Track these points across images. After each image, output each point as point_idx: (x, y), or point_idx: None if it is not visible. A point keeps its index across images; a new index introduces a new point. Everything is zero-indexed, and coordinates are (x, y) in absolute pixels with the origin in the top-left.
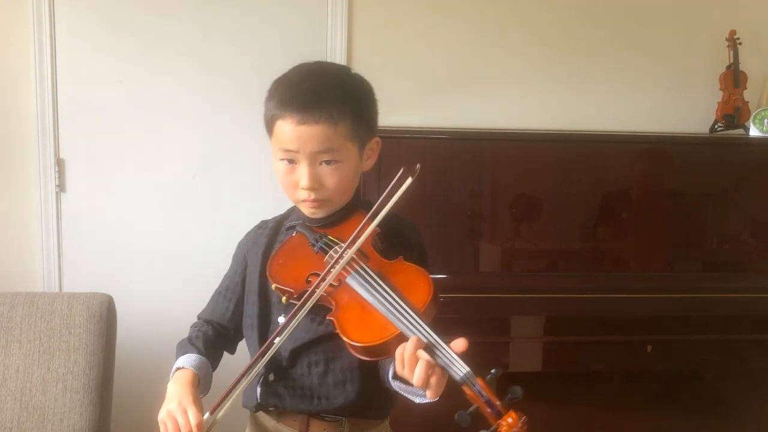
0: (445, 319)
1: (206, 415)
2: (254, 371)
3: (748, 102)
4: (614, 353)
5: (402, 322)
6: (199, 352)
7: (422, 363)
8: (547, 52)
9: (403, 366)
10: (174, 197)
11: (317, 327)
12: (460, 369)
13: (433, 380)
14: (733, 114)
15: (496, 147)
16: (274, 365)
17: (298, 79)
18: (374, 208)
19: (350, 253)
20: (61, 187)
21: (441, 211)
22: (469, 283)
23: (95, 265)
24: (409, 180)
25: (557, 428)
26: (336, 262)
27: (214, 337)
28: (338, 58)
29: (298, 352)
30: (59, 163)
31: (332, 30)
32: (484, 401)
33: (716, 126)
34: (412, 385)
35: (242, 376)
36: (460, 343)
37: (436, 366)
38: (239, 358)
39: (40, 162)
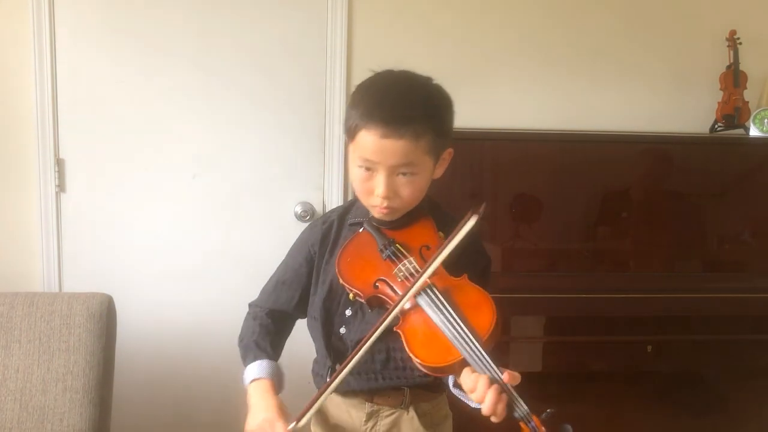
0: None
1: (291, 425)
2: (337, 382)
3: (748, 102)
4: (614, 353)
5: (466, 350)
6: (269, 356)
7: (491, 393)
8: (547, 52)
9: (472, 392)
10: (174, 197)
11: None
12: (521, 407)
13: (499, 408)
14: (733, 114)
15: (496, 147)
16: (339, 356)
17: (384, 91)
18: (444, 246)
19: (421, 280)
20: (61, 187)
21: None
22: None
23: (95, 265)
24: (474, 218)
25: (557, 428)
26: (411, 286)
27: (276, 330)
28: (338, 58)
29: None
30: (59, 163)
31: (332, 30)
32: None
33: (716, 126)
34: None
35: (327, 387)
36: (515, 376)
37: (502, 395)
38: (306, 346)
39: (40, 162)
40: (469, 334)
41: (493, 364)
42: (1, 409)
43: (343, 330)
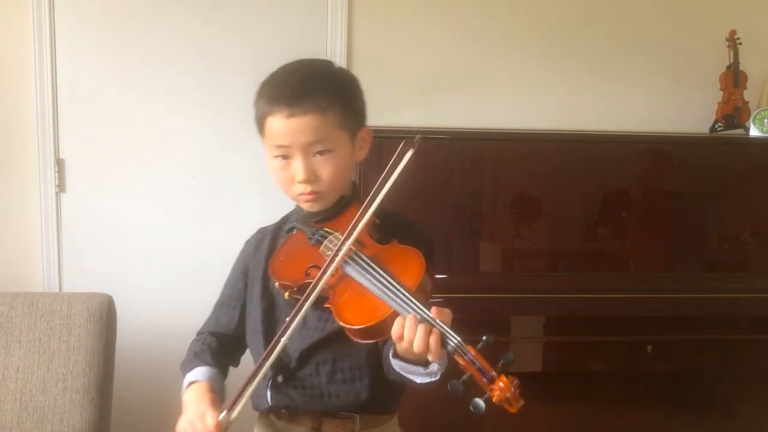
0: None
1: (222, 414)
2: (266, 366)
3: (748, 102)
4: (614, 353)
5: (395, 301)
6: (208, 364)
7: (421, 328)
8: (547, 51)
9: (402, 339)
10: (174, 197)
11: (324, 324)
12: (452, 338)
13: (432, 341)
14: (733, 114)
15: (496, 147)
16: (281, 367)
17: (283, 76)
18: (370, 195)
19: (349, 242)
20: (61, 187)
21: (441, 211)
22: (469, 283)
23: (95, 265)
24: (410, 152)
25: (557, 428)
26: (336, 252)
27: (219, 349)
28: (338, 58)
29: (306, 353)
30: (59, 163)
31: (332, 30)
32: (477, 368)
33: (716, 126)
34: (412, 363)
35: (255, 373)
36: (443, 312)
37: (434, 329)
38: (249, 361)
39: (40, 162)
40: (398, 286)
41: (423, 306)
42: (1, 409)
43: (283, 339)
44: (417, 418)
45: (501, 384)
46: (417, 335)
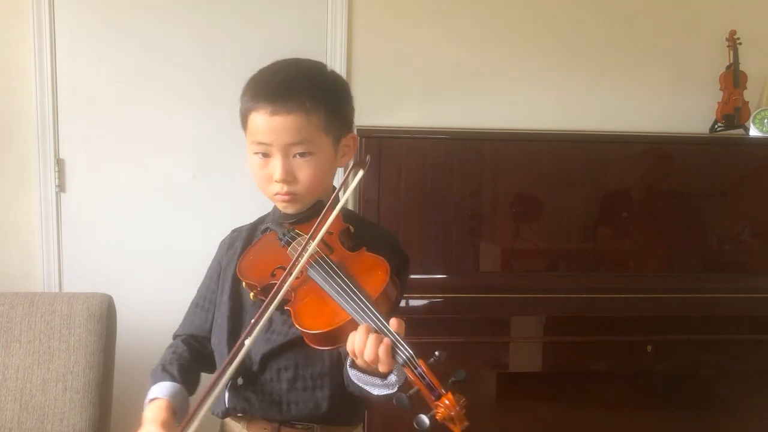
0: (445, 318)
1: None
2: (225, 377)
3: (748, 102)
4: (614, 353)
5: (353, 308)
6: (173, 379)
7: (372, 338)
8: (547, 51)
9: (354, 355)
10: (174, 197)
11: (289, 329)
12: (403, 351)
13: (381, 351)
14: (733, 114)
15: (496, 147)
16: (243, 370)
17: (271, 72)
18: (333, 195)
19: (314, 244)
20: (61, 187)
21: (441, 211)
22: (469, 283)
23: (95, 265)
24: (361, 172)
25: (557, 428)
26: (299, 254)
27: (191, 358)
28: (338, 58)
29: (268, 357)
30: (59, 163)
31: (332, 30)
32: (425, 384)
33: (716, 126)
34: (368, 373)
35: (213, 384)
36: (393, 323)
37: (384, 339)
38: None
39: (40, 162)
40: (359, 294)
41: (378, 315)
42: (1, 409)
43: (248, 341)
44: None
45: (446, 401)
46: (367, 344)
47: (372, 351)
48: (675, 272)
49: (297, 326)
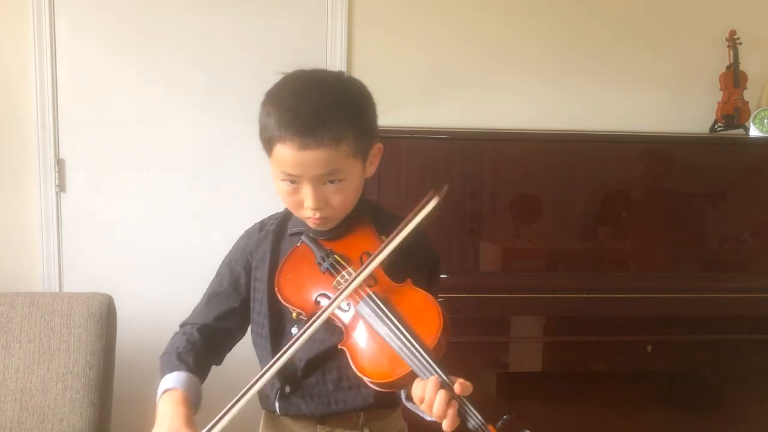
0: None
1: None
2: (253, 391)
3: (748, 102)
4: (614, 353)
5: (413, 361)
6: (189, 369)
7: (441, 397)
8: (547, 52)
9: (422, 402)
10: (174, 197)
11: (330, 337)
12: (474, 417)
13: (450, 413)
14: (733, 114)
15: (496, 147)
16: (288, 377)
17: (295, 99)
18: (393, 235)
19: (357, 280)
20: (61, 187)
21: (441, 211)
22: (469, 283)
23: (95, 265)
24: (435, 200)
25: (557, 428)
26: (341, 291)
27: (205, 348)
28: (338, 58)
29: (312, 363)
30: (59, 163)
31: (332, 30)
32: None
33: (716, 126)
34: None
35: (241, 396)
36: (467, 387)
37: (452, 400)
38: (238, 367)
39: (40, 162)
40: (415, 344)
41: (442, 373)
42: (1, 409)
43: (279, 359)
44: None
45: None
46: (436, 404)
47: (442, 411)
48: (675, 272)
49: (355, 369)
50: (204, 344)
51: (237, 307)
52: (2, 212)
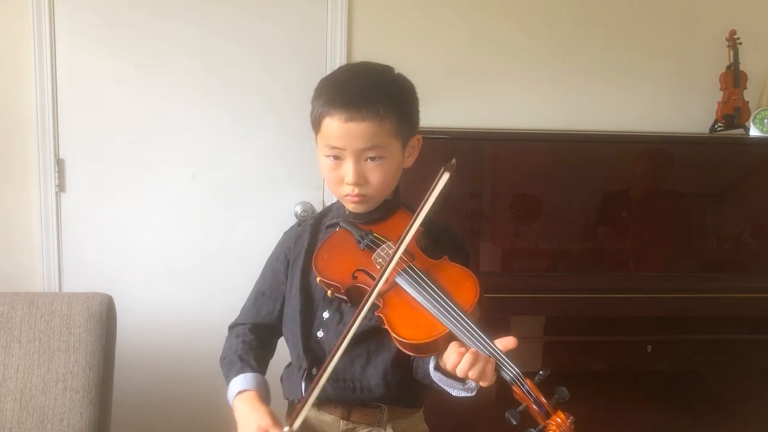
0: None
1: (285, 429)
2: (325, 377)
3: (748, 102)
4: (614, 353)
5: (451, 321)
6: (253, 369)
7: (481, 358)
8: (547, 51)
9: (457, 365)
10: (174, 197)
11: (362, 321)
12: (510, 369)
13: (488, 370)
14: (733, 114)
15: (496, 147)
16: (316, 360)
17: (345, 78)
18: (420, 207)
19: (400, 251)
20: (61, 187)
21: (441, 211)
22: None
23: (95, 265)
24: (446, 175)
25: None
26: (388, 262)
27: (260, 346)
28: (338, 58)
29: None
30: (59, 163)
31: (332, 30)
32: (533, 401)
33: (716, 126)
34: (452, 378)
35: (315, 384)
36: (509, 342)
37: (490, 359)
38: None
39: (40, 162)
40: (454, 306)
41: (481, 333)
42: (1, 409)
43: (321, 333)
44: (441, 408)
45: (558, 420)
46: (475, 364)
47: (479, 371)
48: (675, 272)
49: (392, 334)
50: (258, 343)
51: (281, 304)
52: (2, 212)
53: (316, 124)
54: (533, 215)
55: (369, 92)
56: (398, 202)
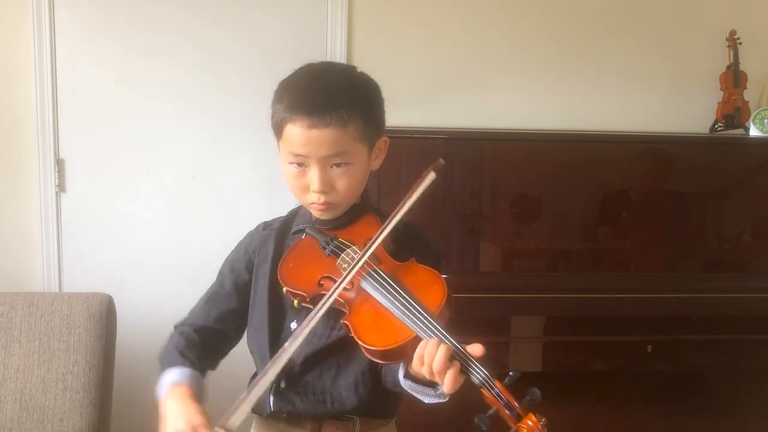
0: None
1: (216, 429)
2: (268, 380)
3: (748, 102)
4: (614, 353)
5: (417, 325)
6: (193, 366)
7: (441, 354)
8: (547, 51)
9: (422, 365)
10: (174, 197)
11: (331, 332)
12: (479, 372)
13: (452, 371)
14: (733, 114)
15: (496, 147)
16: (285, 372)
17: (306, 81)
18: (399, 206)
19: (365, 257)
20: (61, 187)
21: (441, 211)
22: (469, 283)
23: (95, 265)
24: (432, 175)
25: (557, 428)
26: (352, 267)
27: (204, 345)
28: (338, 58)
29: (311, 359)
30: (59, 163)
31: (332, 30)
32: (504, 404)
33: (716, 126)
34: (423, 384)
35: (255, 385)
36: (477, 349)
37: (455, 360)
38: (242, 364)
39: (40, 162)
40: (420, 309)
41: (449, 336)
42: (1, 409)
43: (292, 346)
44: (417, 419)
45: (530, 423)
46: (437, 360)
47: (442, 368)
48: (675, 272)
49: (358, 342)
50: (202, 344)
51: (236, 309)
52: (2, 212)
53: (278, 130)
54: (533, 215)
55: (332, 96)
56: (366, 206)
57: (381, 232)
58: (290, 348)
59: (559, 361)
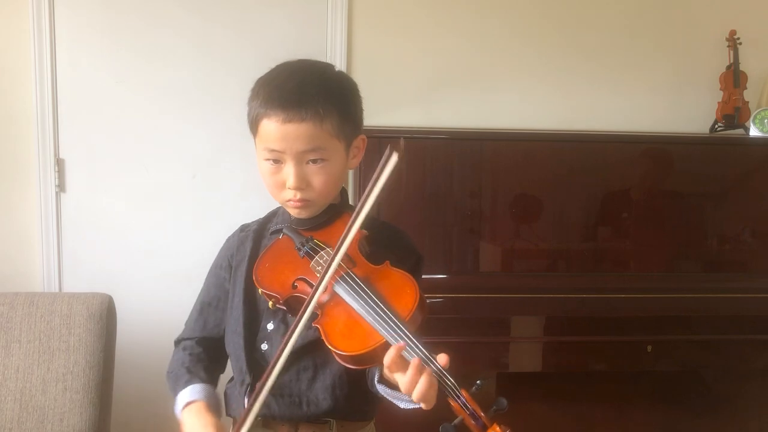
0: (445, 318)
1: None
2: (268, 386)
3: (748, 102)
4: (614, 353)
5: (387, 331)
6: (203, 380)
7: (413, 366)
8: (547, 52)
9: (392, 371)
10: (174, 197)
11: (307, 332)
12: (445, 380)
13: (423, 379)
14: (733, 114)
15: (496, 147)
16: (261, 374)
17: (283, 78)
18: (358, 206)
19: (338, 259)
20: (61, 187)
21: (441, 211)
22: (469, 283)
23: (95, 265)
24: (395, 156)
25: (557, 428)
26: (325, 270)
27: (208, 360)
28: (338, 58)
29: (287, 360)
30: (59, 163)
31: (332, 30)
32: (469, 414)
33: (716, 126)
34: (397, 389)
35: (258, 392)
36: (442, 358)
37: (425, 369)
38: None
39: (40, 162)
40: (390, 315)
41: (417, 342)
42: (1, 409)
43: (265, 346)
44: (397, 420)
45: None
46: (408, 373)
47: (413, 379)
48: (675, 272)
49: (328, 346)
50: (207, 356)
51: (226, 315)
52: (2, 212)
53: (254, 126)
54: (533, 215)
55: (307, 91)
56: (344, 207)
57: (350, 227)
58: (283, 355)
59: (559, 361)
